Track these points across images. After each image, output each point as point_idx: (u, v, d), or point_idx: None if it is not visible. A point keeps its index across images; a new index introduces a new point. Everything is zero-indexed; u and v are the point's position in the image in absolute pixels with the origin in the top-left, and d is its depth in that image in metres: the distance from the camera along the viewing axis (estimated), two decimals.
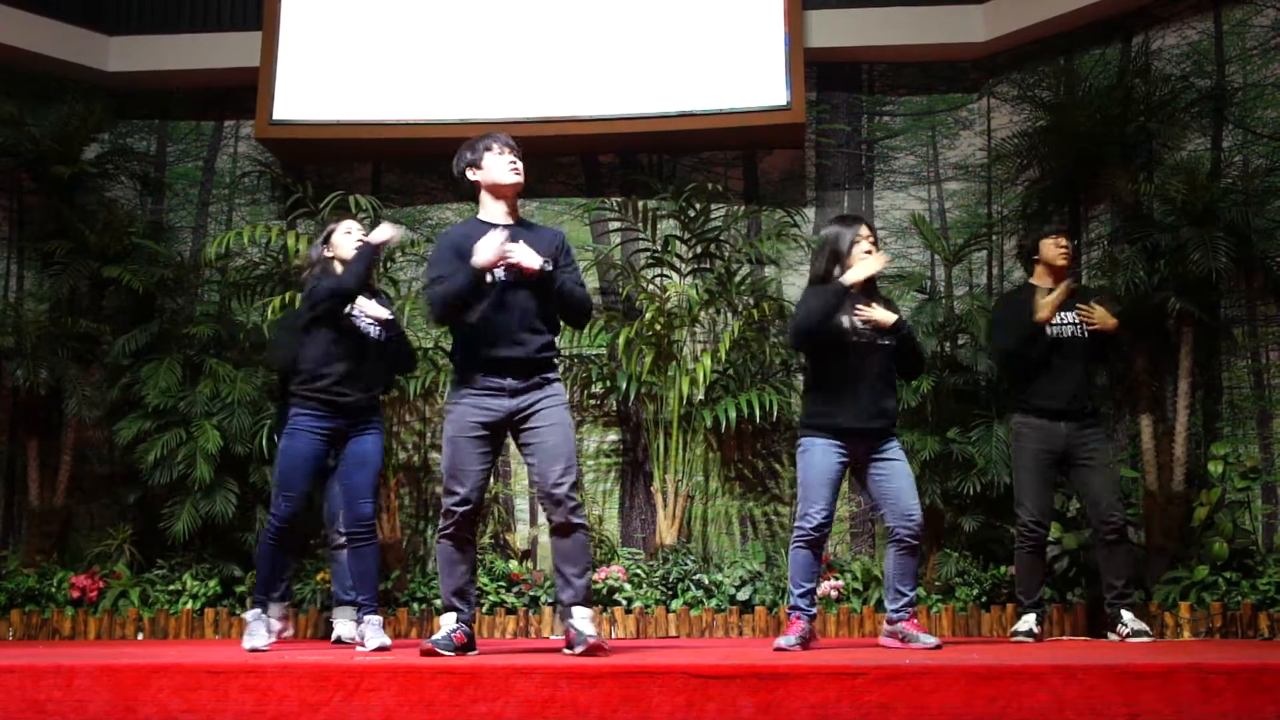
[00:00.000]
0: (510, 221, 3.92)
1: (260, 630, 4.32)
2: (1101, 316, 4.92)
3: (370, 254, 4.41)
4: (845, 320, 4.19)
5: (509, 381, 3.73)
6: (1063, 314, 4.94)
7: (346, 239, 4.55)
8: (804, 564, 4.17)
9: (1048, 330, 4.90)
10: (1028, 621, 4.88)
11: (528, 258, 3.71)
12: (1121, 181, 6.07)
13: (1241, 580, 5.33)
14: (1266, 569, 5.35)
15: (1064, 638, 5.44)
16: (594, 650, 3.42)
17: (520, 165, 3.92)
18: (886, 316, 4.20)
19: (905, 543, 4.17)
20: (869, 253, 4.22)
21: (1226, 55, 6.18)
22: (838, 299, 4.15)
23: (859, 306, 4.20)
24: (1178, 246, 5.64)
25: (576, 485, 3.75)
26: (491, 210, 3.93)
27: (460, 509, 3.73)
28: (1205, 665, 2.50)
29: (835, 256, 4.25)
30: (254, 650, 4.15)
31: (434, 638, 3.68)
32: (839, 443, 4.16)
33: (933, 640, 4.09)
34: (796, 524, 4.20)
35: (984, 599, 5.86)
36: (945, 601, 5.87)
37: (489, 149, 3.93)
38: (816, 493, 4.15)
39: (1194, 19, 6.31)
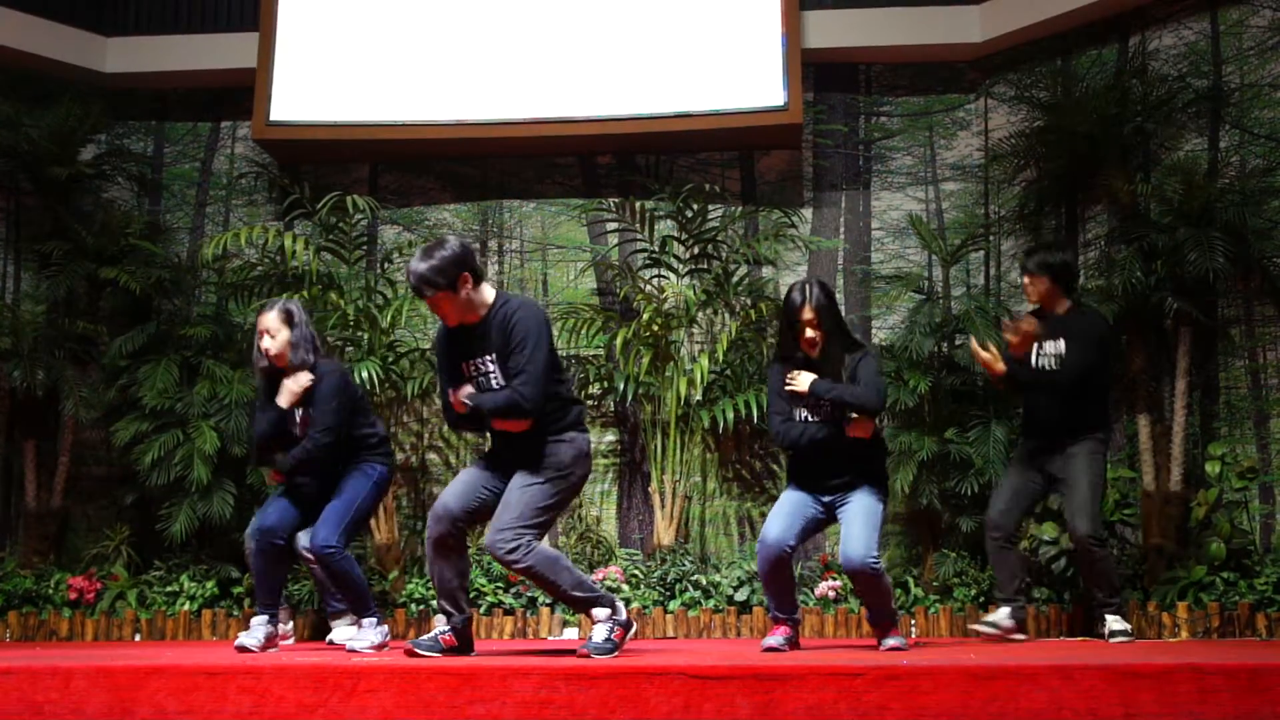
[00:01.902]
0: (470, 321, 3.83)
1: (258, 631, 4.37)
2: (1026, 329, 4.79)
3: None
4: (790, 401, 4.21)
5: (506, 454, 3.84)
6: (1044, 345, 4.89)
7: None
8: (767, 576, 4.18)
9: (1032, 360, 4.87)
10: (998, 615, 4.96)
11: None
12: (1118, 182, 6.07)
13: (1239, 580, 5.33)
14: (1264, 569, 5.35)
15: (1062, 638, 5.44)
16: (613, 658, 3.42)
17: (436, 311, 3.83)
18: (801, 384, 4.10)
19: (854, 579, 4.18)
20: (811, 338, 4.13)
21: (1223, 55, 6.19)
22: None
23: (789, 377, 4.17)
24: (1175, 247, 5.65)
25: (515, 531, 3.66)
26: None
27: (437, 510, 3.79)
28: (1203, 665, 2.50)
29: (786, 329, 4.25)
30: (240, 648, 4.26)
31: (416, 640, 3.71)
32: (804, 491, 4.24)
33: (893, 641, 4.12)
34: None
35: (981, 599, 5.86)
36: (943, 602, 5.87)
37: None
38: (775, 511, 4.20)
39: (1190, 19, 6.32)
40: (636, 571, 6.20)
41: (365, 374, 6.23)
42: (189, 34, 7.36)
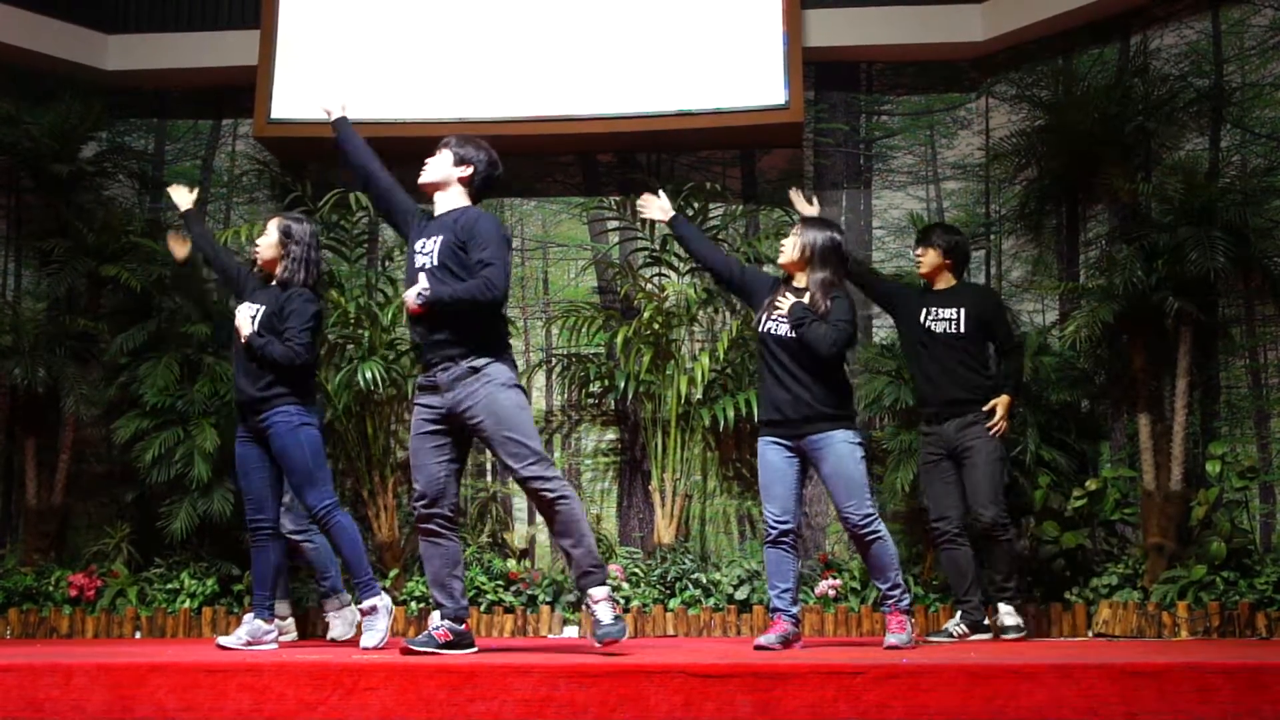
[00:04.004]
0: (439, 211, 4.04)
1: (240, 630, 4.42)
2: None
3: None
4: (763, 315, 4.29)
5: (440, 377, 3.78)
6: (938, 309, 5.11)
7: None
8: (774, 564, 4.21)
9: (921, 325, 5.10)
10: (950, 622, 5.10)
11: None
12: (1119, 181, 6.07)
13: (1239, 580, 5.33)
14: (1264, 568, 5.35)
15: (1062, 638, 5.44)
16: (616, 655, 3.39)
17: (425, 166, 4.07)
18: (784, 304, 4.18)
19: (853, 538, 4.23)
20: (784, 245, 4.35)
21: (1225, 55, 6.19)
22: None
23: (778, 298, 4.25)
24: (1175, 246, 5.64)
25: (542, 461, 3.74)
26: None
27: (419, 505, 3.83)
28: (1203, 665, 2.50)
29: None
30: (219, 647, 4.26)
31: (411, 639, 3.71)
32: (777, 439, 4.22)
33: (894, 639, 4.13)
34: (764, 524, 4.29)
35: (981, 597, 5.85)
36: (944, 600, 5.87)
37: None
38: (769, 492, 4.22)
39: (1192, 19, 6.31)
40: (637, 570, 6.20)
41: (369, 374, 6.23)
42: (190, 31, 7.35)
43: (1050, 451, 5.85)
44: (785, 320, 4.19)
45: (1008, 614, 5.02)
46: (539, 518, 6.80)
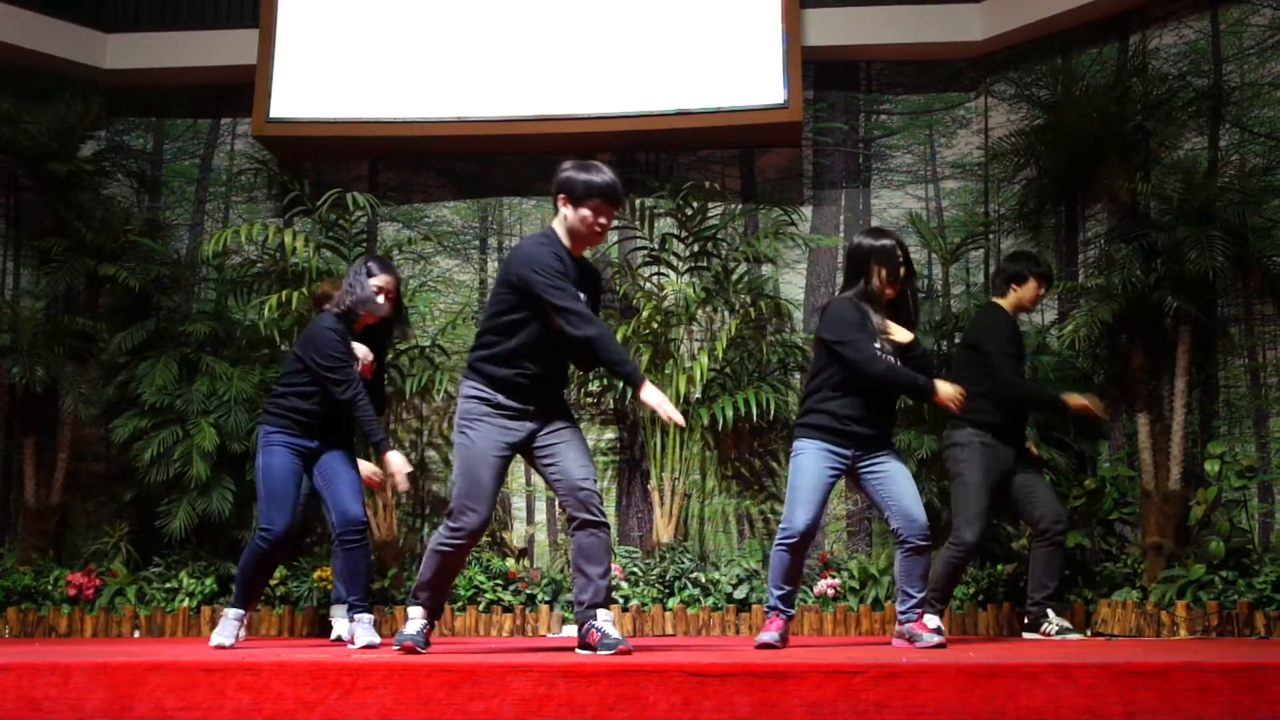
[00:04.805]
0: (576, 250, 3.85)
1: (237, 628, 4.49)
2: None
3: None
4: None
5: (537, 405, 3.78)
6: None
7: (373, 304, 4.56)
8: (787, 566, 4.15)
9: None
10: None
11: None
12: (1118, 180, 6.07)
13: (1238, 579, 5.33)
14: (1263, 568, 5.35)
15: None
16: (623, 656, 3.41)
17: (606, 227, 3.80)
18: (903, 335, 4.18)
19: (911, 544, 4.14)
20: (898, 286, 4.20)
21: (1223, 54, 6.19)
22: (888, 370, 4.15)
23: (887, 325, 4.20)
24: (1174, 245, 5.64)
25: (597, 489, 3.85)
26: (567, 240, 3.82)
27: (473, 527, 3.73)
28: (1202, 664, 2.50)
29: (882, 267, 4.19)
30: (217, 646, 4.30)
31: (410, 635, 3.70)
32: (835, 447, 4.13)
33: (935, 639, 4.11)
34: (780, 527, 4.18)
35: (981, 597, 5.86)
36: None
37: (593, 202, 3.72)
38: (806, 496, 4.12)
39: (1191, 18, 6.31)
40: (636, 569, 6.20)
41: None
42: (189, 30, 7.36)
43: (1049, 451, 5.85)
44: (891, 351, 4.14)
45: (1059, 618, 5.05)
46: (538, 517, 6.83)
